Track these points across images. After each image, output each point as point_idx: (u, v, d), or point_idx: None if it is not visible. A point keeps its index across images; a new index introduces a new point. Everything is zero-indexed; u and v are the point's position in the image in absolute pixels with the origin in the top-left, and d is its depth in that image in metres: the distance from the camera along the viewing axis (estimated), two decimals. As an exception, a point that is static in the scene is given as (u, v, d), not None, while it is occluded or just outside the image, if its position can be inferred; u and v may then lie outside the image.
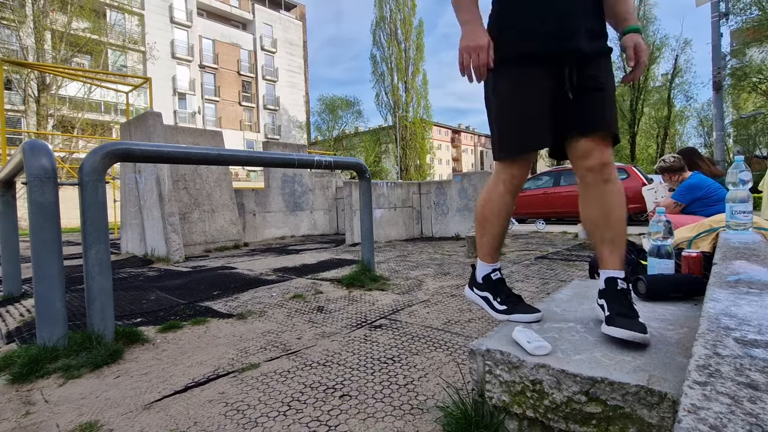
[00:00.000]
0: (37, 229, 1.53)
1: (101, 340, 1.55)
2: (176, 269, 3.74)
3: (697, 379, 0.46)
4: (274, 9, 32.35)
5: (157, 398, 1.21)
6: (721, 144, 7.72)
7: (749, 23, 14.08)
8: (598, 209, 1.00)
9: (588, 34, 1.02)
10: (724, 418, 0.38)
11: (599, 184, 0.99)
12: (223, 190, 5.33)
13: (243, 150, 2.73)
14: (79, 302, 2.45)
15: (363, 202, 2.84)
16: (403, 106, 29.43)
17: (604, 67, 1.03)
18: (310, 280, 2.96)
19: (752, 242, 1.23)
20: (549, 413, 0.77)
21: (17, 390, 1.30)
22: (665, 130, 24.62)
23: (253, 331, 1.81)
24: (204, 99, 27.78)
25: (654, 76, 23.92)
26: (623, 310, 0.90)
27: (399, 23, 29.36)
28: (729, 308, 0.69)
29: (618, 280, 0.96)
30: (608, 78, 1.03)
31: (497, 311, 1.09)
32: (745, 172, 1.36)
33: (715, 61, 7.55)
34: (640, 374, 0.71)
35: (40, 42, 16.44)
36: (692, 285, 1.14)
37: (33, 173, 1.53)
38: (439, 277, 2.92)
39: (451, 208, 5.76)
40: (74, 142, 17.15)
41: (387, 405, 1.10)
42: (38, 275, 1.52)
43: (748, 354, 0.52)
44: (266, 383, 1.28)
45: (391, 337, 1.66)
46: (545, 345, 0.83)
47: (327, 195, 7.55)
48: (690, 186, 2.39)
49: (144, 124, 4.48)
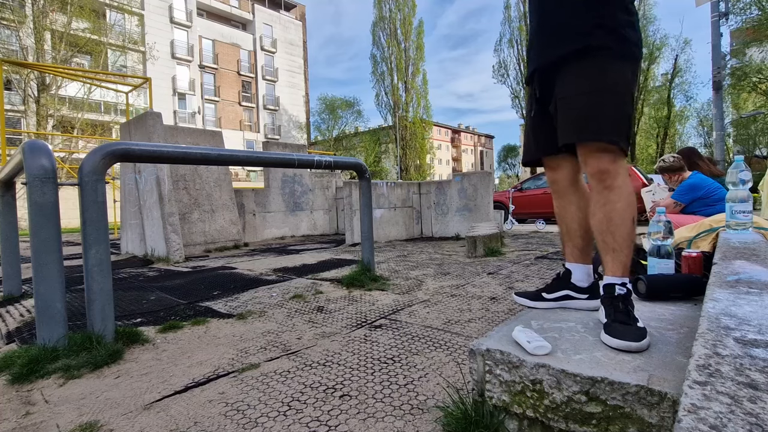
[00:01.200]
0: (37, 229, 1.53)
1: (101, 341, 1.55)
2: (176, 269, 3.74)
3: (697, 379, 0.46)
4: (274, 9, 32.35)
5: (157, 398, 1.21)
6: (721, 144, 7.70)
7: (749, 23, 14.07)
8: (599, 215, 1.00)
9: (542, 46, 1.06)
10: (724, 418, 0.38)
11: (601, 190, 0.99)
12: (222, 191, 5.33)
13: (243, 150, 2.73)
14: (79, 302, 2.45)
15: (363, 202, 2.84)
16: (403, 106, 29.43)
17: (568, 74, 1.00)
18: (310, 280, 2.96)
19: (752, 242, 1.23)
20: (549, 413, 0.77)
21: (17, 390, 1.30)
22: (665, 130, 24.59)
23: (253, 331, 1.81)
24: (204, 99, 27.77)
25: (654, 76, 23.90)
26: (620, 316, 0.89)
27: (399, 23, 29.36)
28: (729, 308, 0.69)
29: (616, 287, 0.95)
30: (575, 84, 0.98)
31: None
32: (745, 171, 1.36)
33: (715, 61, 7.53)
34: (640, 374, 0.71)
35: (40, 42, 16.44)
36: (692, 285, 1.14)
37: (33, 173, 1.53)
38: (439, 277, 2.92)
39: (451, 208, 5.76)
40: (74, 142, 17.15)
41: (387, 405, 1.10)
42: (38, 275, 1.52)
43: (748, 354, 0.52)
44: (266, 383, 1.28)
45: (391, 337, 1.66)
46: (545, 345, 0.83)
47: (327, 195, 7.55)
48: (690, 186, 2.38)
49: (144, 125, 4.48)
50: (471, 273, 3.01)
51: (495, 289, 2.43)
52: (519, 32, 26.50)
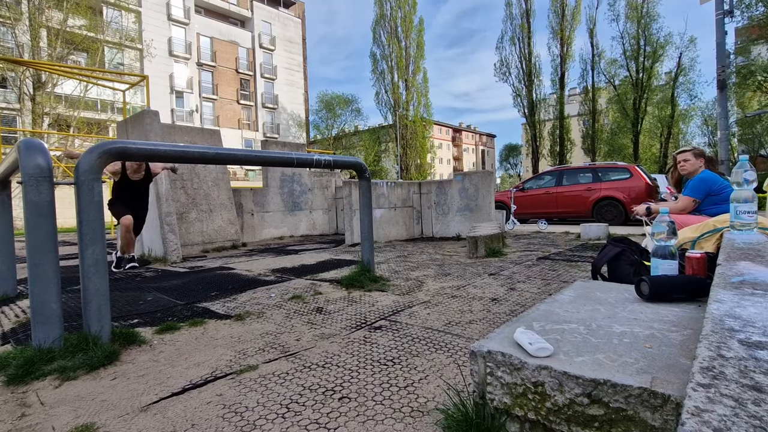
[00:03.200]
0: (32, 228, 1.51)
1: (98, 342, 1.53)
2: (173, 270, 3.72)
3: (700, 381, 0.46)
4: (273, 6, 32.21)
5: (154, 400, 1.20)
6: (726, 143, 7.69)
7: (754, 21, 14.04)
8: None
9: None
10: (728, 421, 0.38)
11: None
12: (220, 190, 5.31)
13: (241, 149, 2.71)
14: (75, 303, 2.43)
15: (363, 201, 2.83)
16: (403, 105, 29.40)
17: None
18: (309, 281, 2.95)
19: (757, 243, 1.22)
20: (551, 415, 0.77)
21: (13, 392, 1.29)
22: (669, 130, 24.55)
23: (251, 333, 1.80)
24: (202, 97, 27.66)
25: (657, 74, 23.86)
26: None
27: (399, 21, 29.29)
28: (733, 310, 0.68)
29: None
30: None
31: None
32: (750, 171, 1.34)
33: (720, 60, 7.48)
34: (643, 376, 0.71)
35: (36, 39, 16.32)
36: (696, 286, 1.14)
37: (28, 172, 1.52)
38: (440, 277, 2.91)
39: (451, 208, 5.75)
40: (70, 140, 17.05)
41: (387, 407, 1.09)
42: (34, 276, 1.50)
43: (752, 356, 0.52)
44: (264, 385, 1.26)
45: (391, 338, 1.65)
46: (547, 347, 0.82)
47: (326, 195, 7.53)
48: (701, 179, 2.39)
49: (141, 123, 4.45)
50: (472, 274, 3.00)
51: (496, 290, 2.43)
52: (521, 30, 26.51)
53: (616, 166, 7.91)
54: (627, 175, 7.41)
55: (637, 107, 23.78)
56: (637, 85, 23.72)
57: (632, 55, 23.82)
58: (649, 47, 23.33)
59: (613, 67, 24.87)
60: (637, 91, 23.66)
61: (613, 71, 24.87)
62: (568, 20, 25.57)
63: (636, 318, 1.00)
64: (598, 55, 25.40)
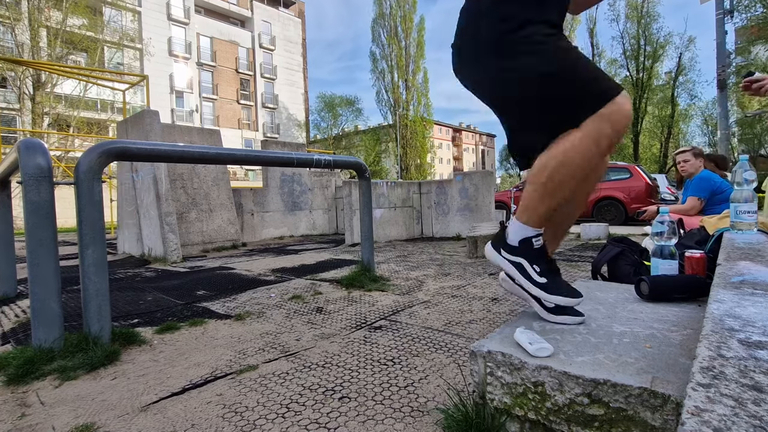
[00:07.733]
0: (32, 228, 1.51)
1: (98, 342, 1.53)
2: (173, 270, 3.72)
3: (700, 381, 0.46)
4: (273, 6, 32.20)
5: (154, 400, 1.20)
6: (726, 143, 7.67)
7: (754, 20, 14.04)
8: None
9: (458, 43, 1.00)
10: (728, 421, 0.38)
11: None
12: (220, 190, 5.30)
13: (241, 149, 2.71)
14: (75, 303, 2.43)
15: (363, 201, 2.82)
16: (403, 105, 29.41)
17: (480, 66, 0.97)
18: (309, 281, 2.95)
19: (757, 243, 1.22)
20: (551, 415, 0.77)
21: (13, 392, 1.29)
22: (669, 129, 24.58)
23: (251, 333, 1.80)
24: (202, 97, 27.66)
25: (657, 74, 23.87)
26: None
27: (399, 20, 29.28)
28: (733, 309, 0.68)
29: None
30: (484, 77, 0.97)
31: (535, 283, 0.95)
32: (750, 171, 1.35)
33: (720, 59, 7.46)
34: (643, 376, 0.71)
35: (36, 39, 16.31)
36: (696, 286, 1.14)
37: (28, 172, 1.52)
38: (440, 277, 2.91)
39: (452, 208, 5.75)
40: (70, 140, 17.05)
41: (387, 407, 1.10)
42: (34, 276, 1.50)
43: (752, 356, 0.52)
44: (264, 385, 1.26)
45: (391, 338, 1.65)
46: (547, 346, 0.82)
47: (326, 194, 7.53)
48: (704, 177, 2.41)
49: (141, 123, 4.44)
50: (472, 274, 3.00)
51: (496, 290, 2.43)
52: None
53: (616, 165, 7.91)
54: (627, 174, 7.41)
55: (638, 107, 23.77)
56: (637, 85, 23.72)
57: (632, 54, 23.84)
58: (649, 47, 23.33)
59: (614, 67, 24.88)
60: (637, 90, 23.66)
61: (614, 71, 24.86)
62: (568, 20, 25.58)
63: (636, 318, 1.00)
64: (599, 54, 25.40)
